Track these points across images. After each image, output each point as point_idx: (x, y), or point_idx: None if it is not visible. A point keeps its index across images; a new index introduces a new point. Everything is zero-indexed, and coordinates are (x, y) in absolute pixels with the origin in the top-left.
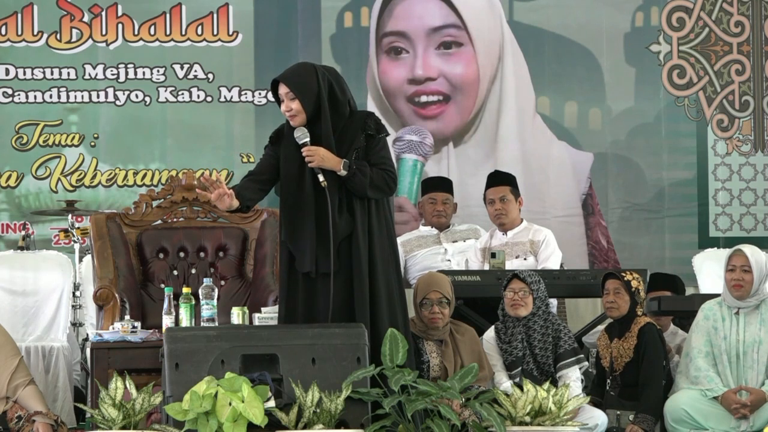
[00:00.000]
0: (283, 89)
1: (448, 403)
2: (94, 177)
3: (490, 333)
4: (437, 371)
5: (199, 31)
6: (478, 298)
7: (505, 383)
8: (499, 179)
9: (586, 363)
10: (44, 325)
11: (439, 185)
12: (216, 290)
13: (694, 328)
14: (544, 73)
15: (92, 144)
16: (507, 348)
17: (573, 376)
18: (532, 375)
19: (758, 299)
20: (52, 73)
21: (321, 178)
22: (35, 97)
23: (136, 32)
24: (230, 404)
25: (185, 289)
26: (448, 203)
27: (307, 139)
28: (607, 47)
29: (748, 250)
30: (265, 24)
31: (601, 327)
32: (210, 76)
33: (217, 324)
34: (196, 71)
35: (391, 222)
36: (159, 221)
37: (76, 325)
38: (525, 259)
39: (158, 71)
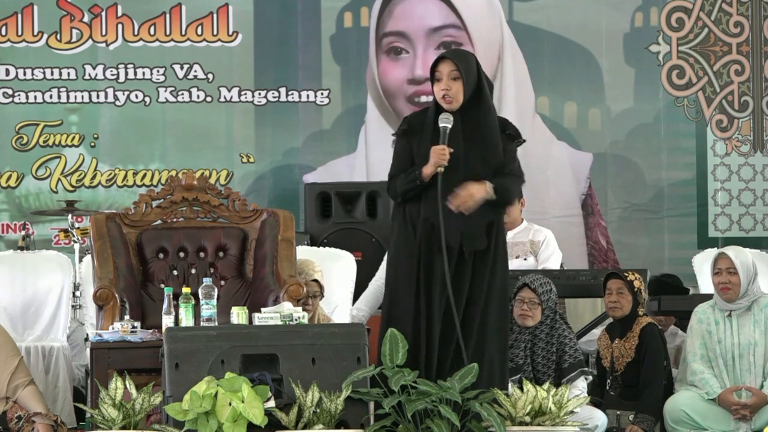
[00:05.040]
0: (448, 66)
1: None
2: (94, 177)
3: None
4: None
5: (199, 32)
6: None
7: None
8: None
9: (590, 376)
10: (44, 325)
11: None
12: (216, 290)
13: (689, 332)
14: (544, 73)
15: (92, 144)
16: (510, 354)
17: (579, 386)
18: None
19: (749, 300)
20: (52, 74)
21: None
22: (35, 97)
23: (136, 32)
24: (230, 404)
25: (185, 289)
26: None
27: (449, 125)
28: (607, 47)
29: (732, 252)
30: (265, 24)
31: (599, 328)
32: (210, 76)
33: (216, 324)
34: (195, 71)
35: None
36: (159, 221)
37: (84, 325)
38: (525, 259)
39: (158, 71)
